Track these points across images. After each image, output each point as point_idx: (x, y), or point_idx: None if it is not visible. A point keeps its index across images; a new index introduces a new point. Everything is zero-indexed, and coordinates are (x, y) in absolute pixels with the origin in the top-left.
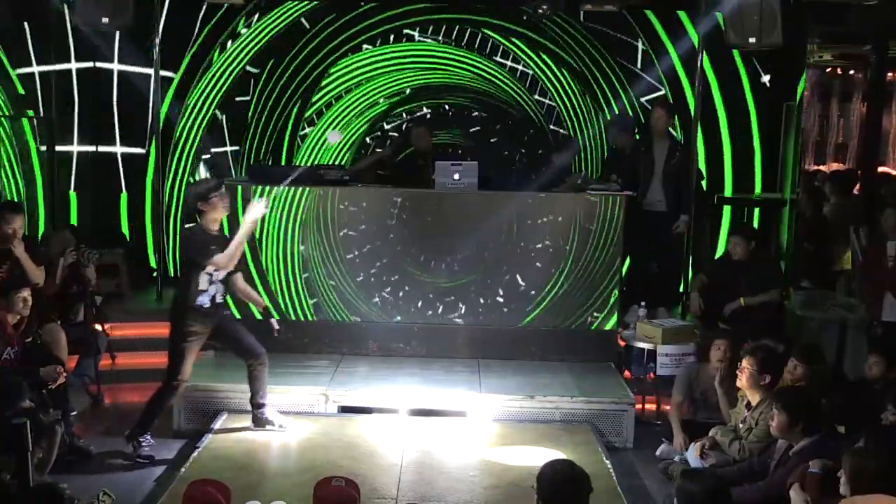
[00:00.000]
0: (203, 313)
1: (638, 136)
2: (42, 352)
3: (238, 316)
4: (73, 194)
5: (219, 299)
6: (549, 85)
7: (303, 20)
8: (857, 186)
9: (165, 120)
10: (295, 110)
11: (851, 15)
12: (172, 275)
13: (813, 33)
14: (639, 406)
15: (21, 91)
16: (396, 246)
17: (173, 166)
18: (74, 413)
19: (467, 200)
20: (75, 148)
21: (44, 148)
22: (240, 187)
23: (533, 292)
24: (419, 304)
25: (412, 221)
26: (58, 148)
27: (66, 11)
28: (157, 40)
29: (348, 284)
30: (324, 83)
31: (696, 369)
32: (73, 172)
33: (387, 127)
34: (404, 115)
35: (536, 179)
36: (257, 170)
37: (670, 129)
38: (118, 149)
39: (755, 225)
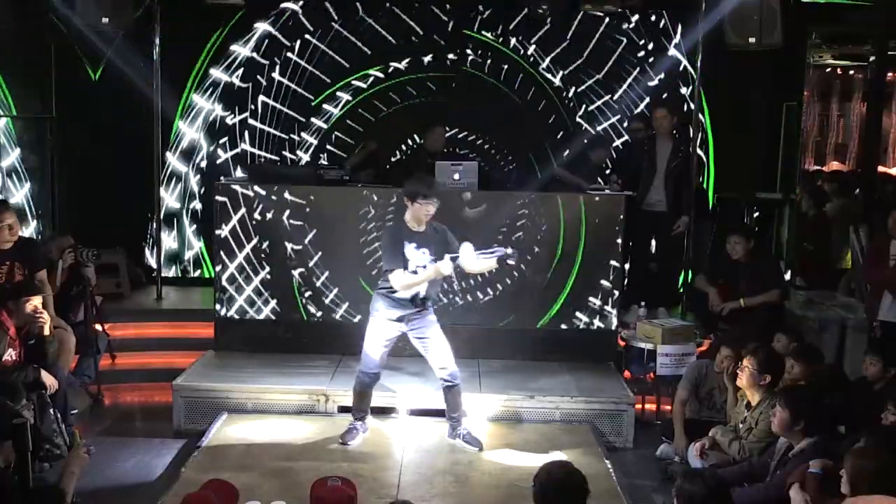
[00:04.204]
0: (396, 303)
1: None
2: (44, 353)
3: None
4: None
5: (422, 294)
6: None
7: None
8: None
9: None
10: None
11: (851, 15)
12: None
13: (813, 33)
14: (639, 406)
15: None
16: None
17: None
18: (74, 413)
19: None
20: None
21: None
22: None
23: (533, 292)
24: None
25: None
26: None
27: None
28: (157, 40)
29: (348, 284)
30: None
31: (705, 367)
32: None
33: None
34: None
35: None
36: (257, 169)
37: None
38: None
39: (755, 225)
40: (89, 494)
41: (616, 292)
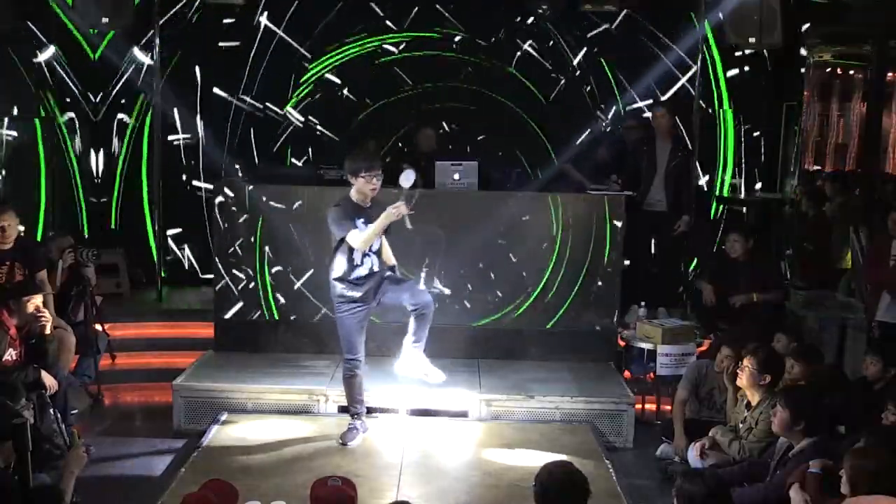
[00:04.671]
0: (359, 284)
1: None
2: (44, 352)
3: None
4: None
5: (376, 269)
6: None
7: None
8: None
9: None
10: None
11: (851, 15)
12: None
13: (813, 33)
14: (639, 406)
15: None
16: (396, 246)
17: None
18: (74, 413)
19: (467, 200)
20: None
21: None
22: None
23: (533, 292)
24: None
25: (412, 221)
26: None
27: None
28: (158, 40)
29: None
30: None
31: (705, 367)
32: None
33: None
34: None
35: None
36: (257, 169)
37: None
38: None
39: (754, 225)
40: (89, 494)
41: (616, 292)
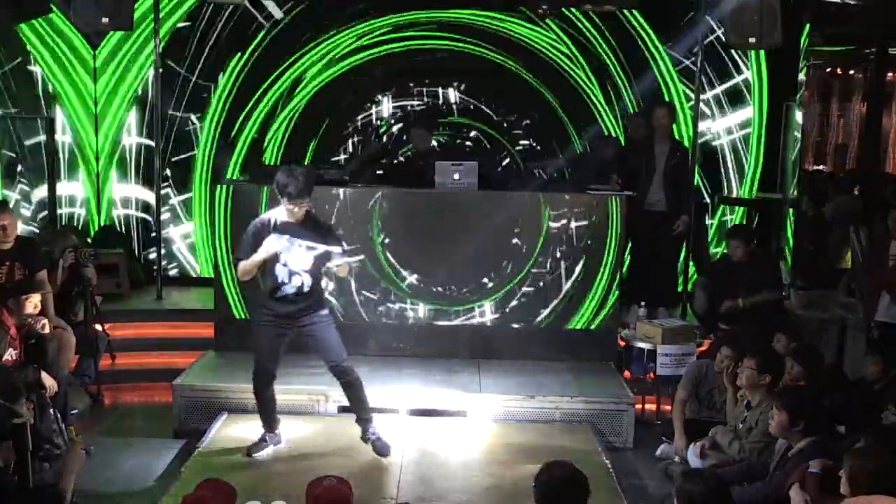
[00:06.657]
0: (280, 302)
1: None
2: (44, 352)
3: None
4: None
5: (305, 289)
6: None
7: None
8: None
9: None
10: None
11: (852, 15)
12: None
13: (813, 33)
14: (639, 406)
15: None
16: (396, 246)
17: None
18: (74, 413)
19: (467, 200)
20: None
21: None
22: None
23: (532, 292)
24: (419, 303)
25: (412, 221)
26: None
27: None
28: (159, 40)
29: (348, 284)
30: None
31: (705, 367)
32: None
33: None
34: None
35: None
36: (257, 169)
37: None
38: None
39: (755, 225)
40: (89, 495)
41: (616, 292)
